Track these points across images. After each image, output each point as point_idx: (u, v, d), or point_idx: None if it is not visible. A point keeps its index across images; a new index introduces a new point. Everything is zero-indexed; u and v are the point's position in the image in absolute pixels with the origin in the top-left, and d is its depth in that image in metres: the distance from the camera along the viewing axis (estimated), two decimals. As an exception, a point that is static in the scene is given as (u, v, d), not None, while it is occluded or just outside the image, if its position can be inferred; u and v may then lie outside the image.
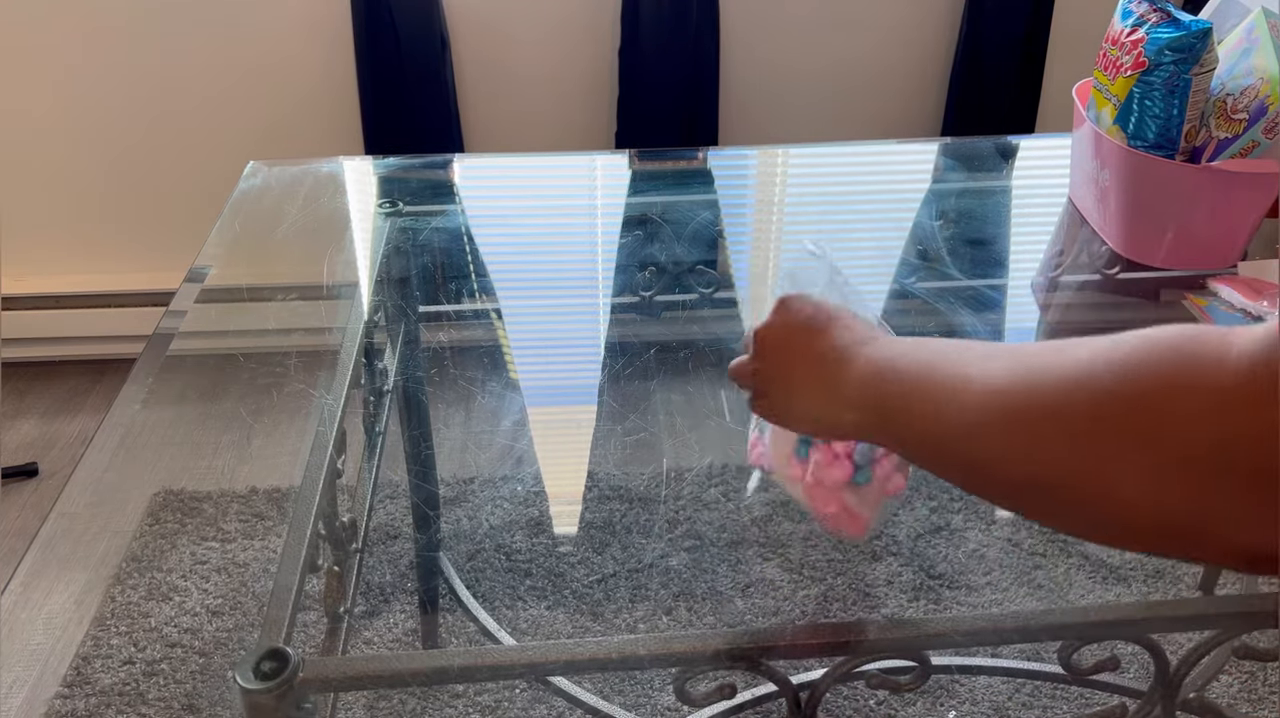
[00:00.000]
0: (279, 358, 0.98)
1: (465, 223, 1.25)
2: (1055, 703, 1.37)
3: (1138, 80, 0.96)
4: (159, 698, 1.33)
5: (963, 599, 1.48)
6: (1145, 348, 0.38)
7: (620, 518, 1.53)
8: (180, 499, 1.64)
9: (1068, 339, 0.42)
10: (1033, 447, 0.40)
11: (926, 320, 1.08)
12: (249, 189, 1.24)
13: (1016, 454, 0.41)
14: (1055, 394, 0.39)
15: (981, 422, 0.42)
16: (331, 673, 0.61)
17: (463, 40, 1.89)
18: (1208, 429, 0.35)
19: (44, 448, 1.95)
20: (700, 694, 0.63)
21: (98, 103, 1.92)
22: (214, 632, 1.41)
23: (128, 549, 1.54)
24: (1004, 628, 0.65)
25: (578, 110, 1.98)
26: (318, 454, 0.80)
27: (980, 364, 0.44)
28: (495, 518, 1.57)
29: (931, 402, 0.45)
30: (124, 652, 1.39)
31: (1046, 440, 0.39)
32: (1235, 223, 1.01)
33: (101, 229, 2.05)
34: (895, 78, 2.00)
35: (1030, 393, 0.40)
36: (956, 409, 0.43)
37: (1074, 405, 0.38)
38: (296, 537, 0.73)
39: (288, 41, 1.88)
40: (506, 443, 0.97)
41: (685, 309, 1.11)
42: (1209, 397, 0.35)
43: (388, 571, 1.53)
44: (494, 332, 1.11)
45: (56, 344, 2.09)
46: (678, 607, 1.46)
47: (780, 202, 1.37)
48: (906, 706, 1.36)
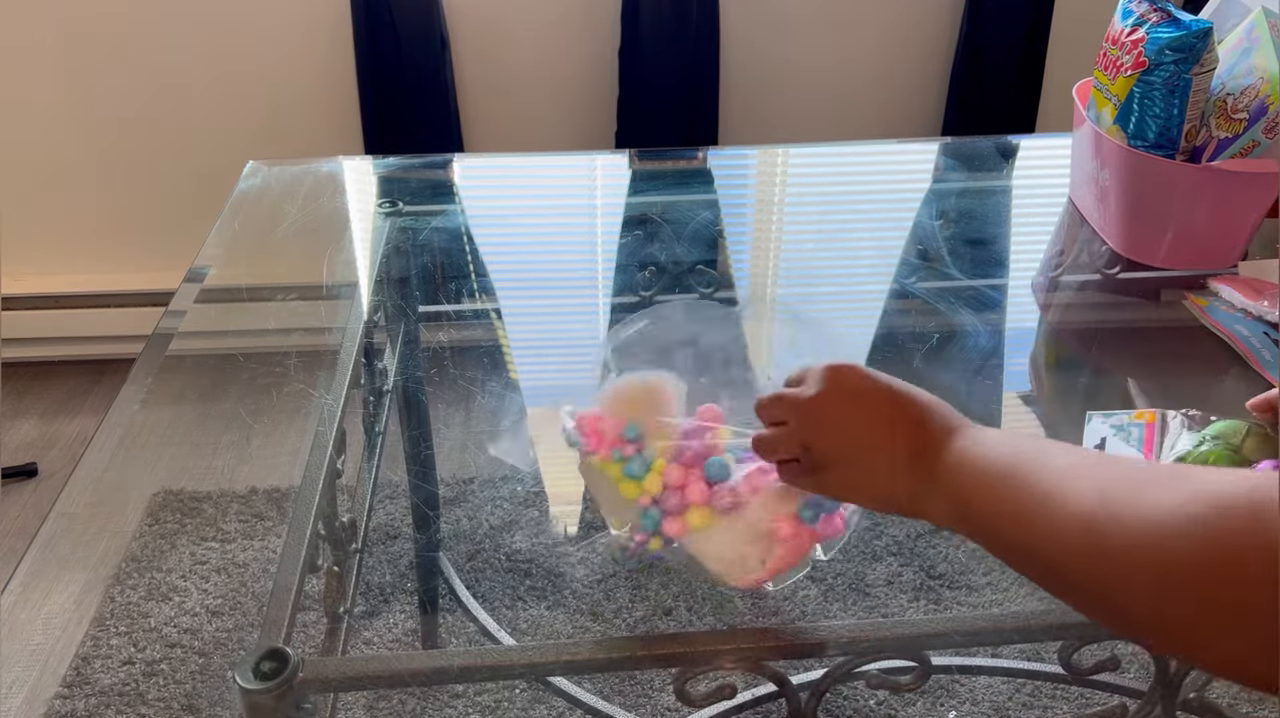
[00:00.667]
0: (279, 358, 0.98)
1: (465, 223, 1.24)
2: (1055, 703, 1.37)
3: (1138, 80, 0.96)
4: (159, 698, 1.33)
5: (963, 599, 1.48)
6: (1224, 508, 0.38)
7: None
8: (180, 499, 1.64)
9: (1135, 464, 0.46)
10: (1116, 585, 0.41)
11: (926, 320, 1.08)
12: (249, 189, 1.24)
13: (1098, 584, 0.42)
14: (1139, 540, 0.40)
15: (1068, 546, 0.43)
16: (331, 673, 0.61)
17: (463, 40, 1.89)
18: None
19: (44, 448, 1.95)
20: (700, 694, 0.63)
21: (98, 103, 1.92)
22: (214, 632, 1.41)
23: (128, 549, 1.54)
24: (1004, 628, 0.65)
25: (578, 110, 1.98)
26: (318, 454, 0.80)
27: (1062, 481, 0.45)
28: (495, 518, 1.57)
29: (1018, 512, 0.47)
30: (124, 652, 1.39)
31: (1131, 584, 0.40)
32: (1235, 223, 1.01)
33: (101, 229, 2.05)
34: (895, 78, 2.00)
35: (1116, 530, 0.41)
36: (1044, 523, 0.45)
37: (1160, 560, 0.39)
38: (296, 537, 0.73)
39: (288, 41, 1.88)
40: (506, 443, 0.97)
41: (685, 309, 1.10)
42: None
43: (388, 571, 1.53)
44: (494, 332, 1.11)
45: (56, 344, 2.09)
46: (678, 607, 1.46)
47: (780, 202, 1.37)
48: (906, 706, 1.36)
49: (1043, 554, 0.45)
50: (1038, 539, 0.45)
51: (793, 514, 0.63)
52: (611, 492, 0.65)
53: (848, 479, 0.58)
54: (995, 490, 0.49)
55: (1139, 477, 0.43)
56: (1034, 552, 0.46)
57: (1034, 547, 0.45)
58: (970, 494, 0.51)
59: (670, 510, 0.64)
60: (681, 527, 0.64)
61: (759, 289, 1.21)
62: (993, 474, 0.50)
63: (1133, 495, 0.41)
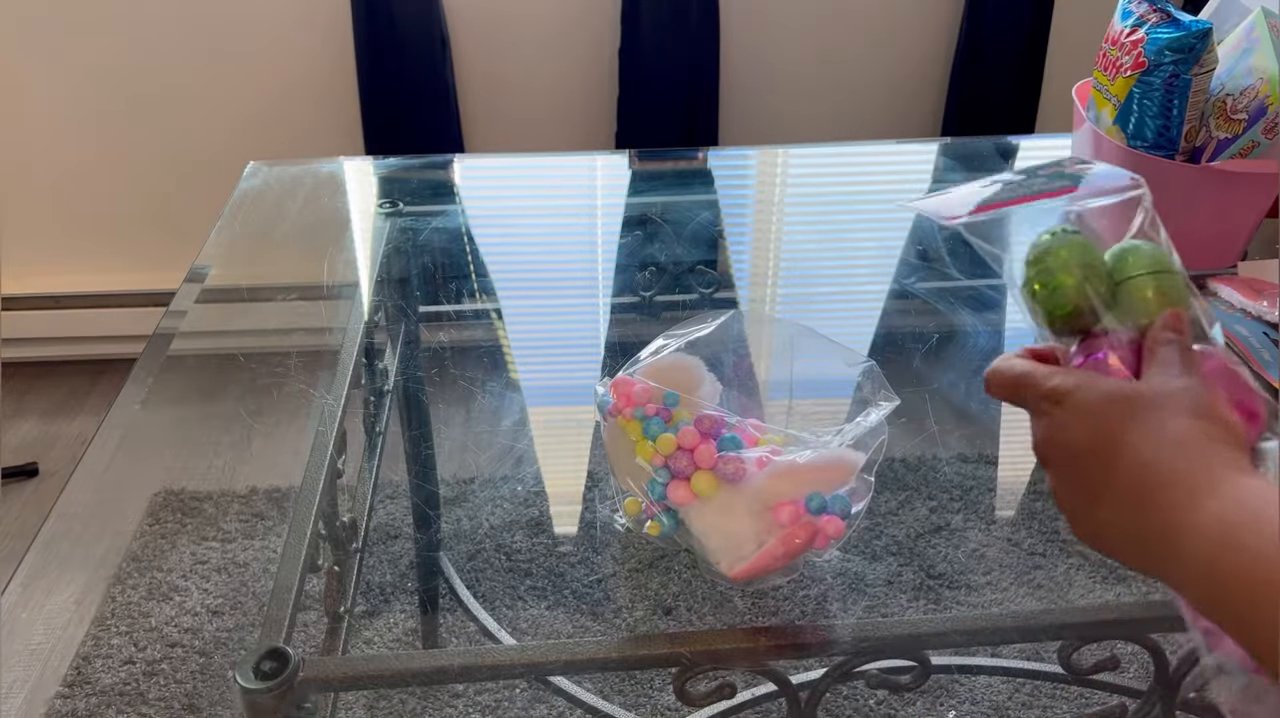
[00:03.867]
0: (279, 358, 0.98)
1: (465, 223, 1.25)
2: (1055, 703, 1.37)
3: (1137, 80, 0.96)
4: (159, 698, 1.33)
5: (963, 599, 1.48)
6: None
7: (621, 517, 1.53)
8: (180, 499, 1.64)
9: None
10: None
11: (926, 321, 1.08)
12: (249, 189, 1.24)
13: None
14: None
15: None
16: (331, 673, 0.61)
17: (463, 40, 1.89)
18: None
19: (44, 448, 1.95)
20: (700, 694, 0.63)
21: (98, 103, 1.92)
22: (214, 632, 1.41)
23: (128, 549, 1.53)
24: (1004, 628, 0.65)
25: (578, 110, 1.98)
26: (318, 454, 0.80)
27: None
28: (495, 518, 1.57)
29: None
30: (124, 652, 1.39)
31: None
32: (1235, 223, 1.01)
33: (101, 229, 2.05)
34: (895, 78, 2.00)
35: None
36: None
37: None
38: (296, 537, 0.73)
39: (288, 42, 1.88)
40: (506, 443, 0.97)
41: (685, 309, 1.10)
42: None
43: (388, 571, 1.53)
44: (494, 332, 1.11)
45: (56, 344, 2.09)
46: (678, 607, 1.46)
47: (780, 202, 1.37)
48: (906, 706, 1.36)
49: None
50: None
51: (796, 500, 0.63)
52: (628, 452, 0.67)
53: (1089, 530, 0.47)
54: (1258, 580, 0.39)
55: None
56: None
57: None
58: (1230, 581, 0.40)
59: (678, 473, 0.65)
60: (686, 493, 0.64)
61: (759, 289, 1.21)
62: (1260, 560, 0.39)
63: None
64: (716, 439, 0.66)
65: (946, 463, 1.36)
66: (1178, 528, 0.42)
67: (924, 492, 1.65)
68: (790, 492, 0.63)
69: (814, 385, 0.77)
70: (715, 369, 0.72)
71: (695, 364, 0.71)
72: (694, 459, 0.65)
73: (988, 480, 1.43)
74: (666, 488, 0.65)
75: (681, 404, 0.68)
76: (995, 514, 1.64)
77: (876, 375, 0.71)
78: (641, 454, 0.66)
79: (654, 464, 0.66)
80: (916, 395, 0.90)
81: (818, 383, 0.77)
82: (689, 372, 0.71)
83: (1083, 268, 0.50)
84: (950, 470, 1.40)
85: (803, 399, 0.76)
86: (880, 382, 0.70)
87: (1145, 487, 0.44)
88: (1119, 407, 0.46)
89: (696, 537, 0.65)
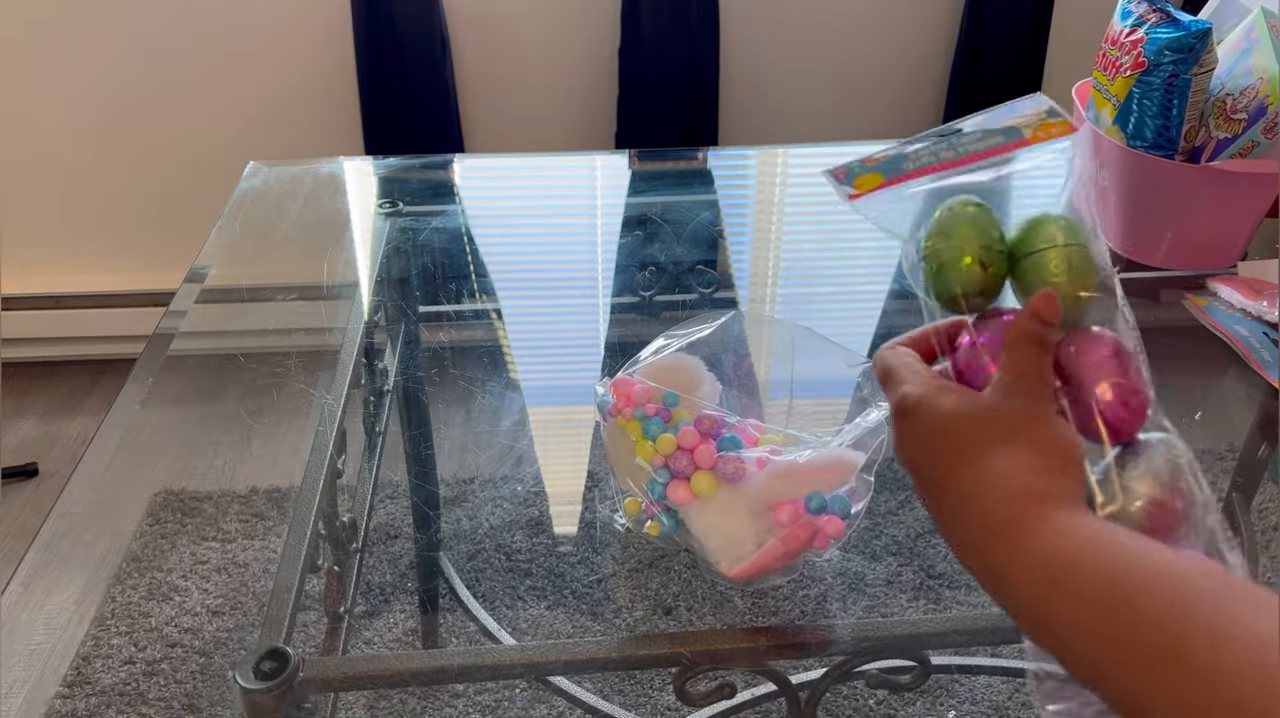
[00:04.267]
0: (279, 358, 0.98)
1: (465, 223, 1.25)
2: (1055, 703, 1.37)
3: (1137, 80, 0.96)
4: (159, 698, 1.33)
5: (963, 599, 1.48)
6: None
7: (621, 517, 1.53)
8: (180, 499, 1.64)
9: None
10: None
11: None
12: (249, 189, 1.24)
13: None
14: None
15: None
16: (331, 673, 0.61)
17: (463, 40, 1.89)
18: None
19: (44, 448, 1.95)
20: (700, 694, 0.63)
21: (98, 103, 1.92)
22: (214, 632, 1.41)
23: (128, 549, 1.54)
24: (1004, 628, 0.65)
25: (578, 110, 1.98)
26: (318, 454, 0.80)
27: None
28: (495, 518, 1.57)
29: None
30: (124, 652, 1.39)
31: None
32: (1235, 223, 1.01)
33: (101, 229, 2.05)
34: (895, 77, 2.00)
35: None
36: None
37: None
38: (296, 537, 0.73)
39: (287, 42, 1.88)
40: (506, 443, 0.97)
41: (685, 309, 1.11)
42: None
43: (388, 571, 1.53)
44: (494, 332, 1.11)
45: (56, 344, 2.09)
46: (678, 607, 1.46)
47: (780, 202, 1.37)
48: (906, 705, 1.36)
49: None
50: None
51: (796, 500, 0.63)
52: (628, 452, 0.67)
53: (933, 513, 0.47)
54: (1088, 610, 0.39)
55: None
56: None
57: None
58: (1056, 602, 0.40)
59: (678, 473, 0.65)
60: (686, 493, 0.64)
61: (758, 289, 1.21)
62: (1094, 584, 0.39)
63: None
64: (716, 439, 0.66)
65: (946, 463, 1.36)
66: (1004, 569, 0.42)
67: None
68: (790, 492, 0.63)
69: (814, 386, 0.77)
70: (715, 369, 0.72)
71: (695, 364, 0.71)
72: (694, 459, 0.65)
73: (988, 480, 1.43)
74: (666, 488, 0.65)
75: (681, 404, 0.68)
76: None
77: None
78: (641, 454, 0.66)
79: (654, 464, 0.66)
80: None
81: (818, 383, 0.77)
82: (689, 372, 0.71)
83: (977, 247, 0.49)
84: (950, 470, 1.40)
85: (802, 399, 0.76)
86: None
87: (969, 524, 0.44)
88: (950, 436, 0.46)
89: (696, 537, 0.65)
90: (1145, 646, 0.36)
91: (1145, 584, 0.38)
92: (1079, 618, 0.39)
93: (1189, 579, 0.38)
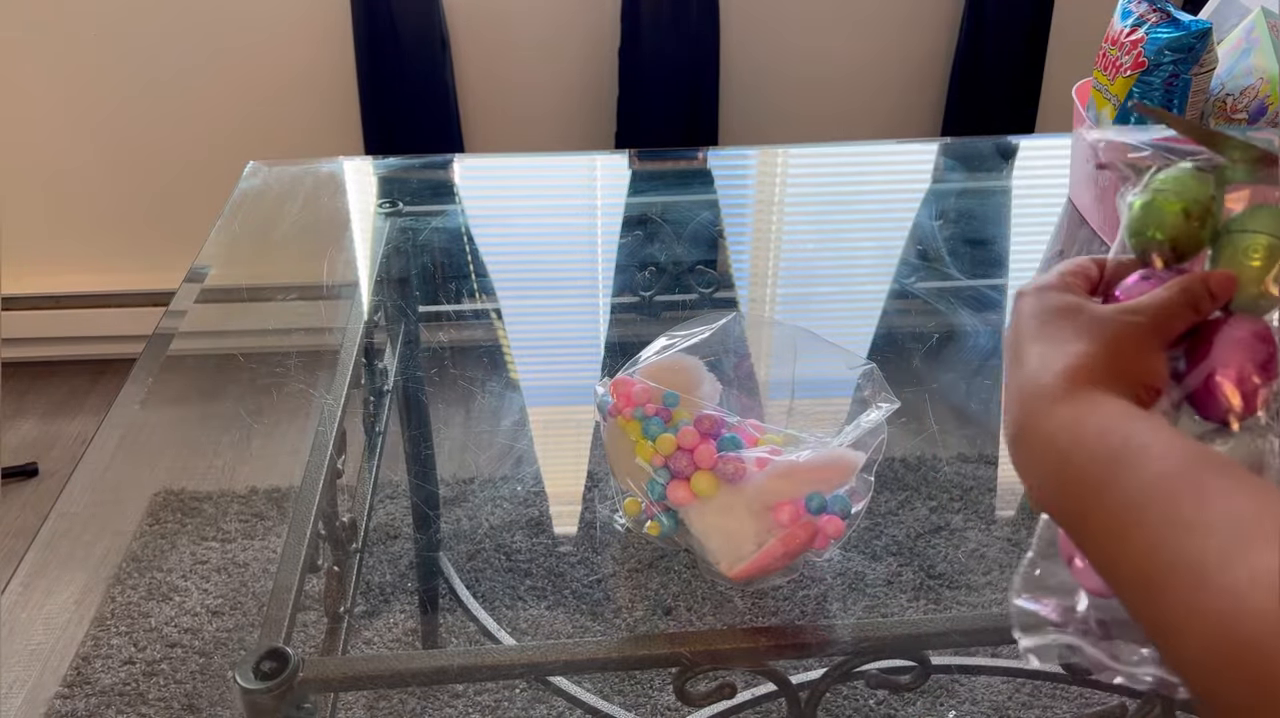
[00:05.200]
0: (279, 358, 0.98)
1: (465, 223, 1.25)
2: (1055, 703, 1.37)
3: (1137, 80, 0.96)
4: (159, 698, 1.33)
5: (963, 599, 1.48)
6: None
7: (621, 517, 1.53)
8: (180, 499, 1.64)
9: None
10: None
11: (926, 320, 1.08)
12: (249, 189, 1.24)
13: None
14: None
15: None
16: (331, 673, 0.61)
17: (463, 40, 1.89)
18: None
19: (44, 448, 1.95)
20: (700, 694, 0.63)
21: (98, 103, 1.92)
22: (214, 632, 1.41)
23: (128, 549, 1.53)
24: (1004, 628, 0.65)
25: (578, 110, 1.98)
26: (318, 454, 0.80)
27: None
28: (495, 518, 1.57)
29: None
30: (124, 652, 1.39)
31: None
32: (1235, 223, 1.01)
33: (101, 229, 2.05)
34: (895, 78, 2.00)
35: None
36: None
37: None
38: (296, 537, 0.73)
39: (287, 42, 1.88)
40: (506, 443, 0.97)
41: (685, 309, 1.11)
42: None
43: (388, 571, 1.53)
44: (494, 332, 1.11)
45: (56, 344, 2.09)
46: (678, 607, 1.45)
47: (780, 202, 1.37)
48: (906, 705, 1.36)
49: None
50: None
51: (796, 500, 0.63)
52: (628, 452, 0.67)
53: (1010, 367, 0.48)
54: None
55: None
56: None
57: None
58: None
59: (678, 473, 0.65)
60: (686, 493, 0.64)
61: (758, 289, 1.21)
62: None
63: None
64: (716, 439, 0.66)
65: (946, 463, 1.36)
66: (1032, 432, 0.43)
67: (924, 492, 1.65)
68: (790, 492, 0.63)
69: (814, 386, 0.77)
70: (715, 370, 0.72)
71: (695, 364, 0.71)
72: (694, 459, 0.65)
73: (988, 480, 1.43)
74: (666, 488, 0.65)
75: (681, 404, 0.68)
76: (995, 514, 1.63)
77: (877, 377, 0.71)
78: (641, 454, 0.66)
79: (654, 464, 0.66)
80: (916, 396, 0.90)
81: (818, 384, 0.77)
82: (689, 372, 0.71)
83: (1193, 199, 0.48)
84: (950, 470, 1.40)
85: (803, 400, 0.76)
86: (880, 384, 0.70)
87: (1023, 392, 0.44)
88: (1040, 320, 0.46)
89: (696, 537, 0.65)
90: (1127, 502, 0.37)
91: (1158, 451, 0.38)
92: (1088, 482, 0.39)
93: (1202, 458, 0.38)
